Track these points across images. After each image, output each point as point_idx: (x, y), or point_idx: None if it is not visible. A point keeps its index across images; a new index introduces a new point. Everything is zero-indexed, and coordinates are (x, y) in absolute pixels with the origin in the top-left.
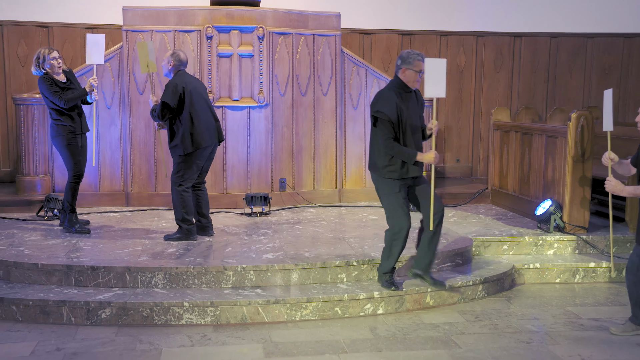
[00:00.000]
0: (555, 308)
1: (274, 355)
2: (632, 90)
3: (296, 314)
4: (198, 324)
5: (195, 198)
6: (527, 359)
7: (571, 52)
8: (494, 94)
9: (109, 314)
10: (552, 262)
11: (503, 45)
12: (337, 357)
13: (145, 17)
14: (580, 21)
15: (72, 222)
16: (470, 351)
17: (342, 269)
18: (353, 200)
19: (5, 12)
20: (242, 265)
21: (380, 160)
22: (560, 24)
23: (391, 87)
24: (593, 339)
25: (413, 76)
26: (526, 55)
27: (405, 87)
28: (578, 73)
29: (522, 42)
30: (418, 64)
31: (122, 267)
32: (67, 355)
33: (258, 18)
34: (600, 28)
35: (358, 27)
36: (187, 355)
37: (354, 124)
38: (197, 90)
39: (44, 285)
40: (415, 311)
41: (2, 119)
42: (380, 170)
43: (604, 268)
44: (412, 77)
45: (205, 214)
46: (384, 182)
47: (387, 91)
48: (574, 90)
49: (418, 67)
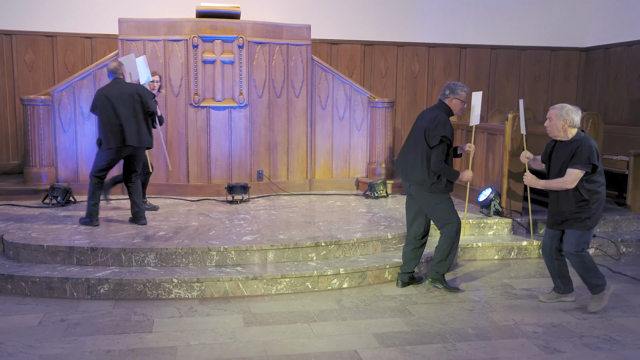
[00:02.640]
0: (494, 280)
1: (252, 324)
2: (557, 95)
3: (272, 289)
4: (186, 297)
5: (128, 189)
6: (470, 324)
7: (508, 62)
8: None
9: (107, 289)
10: (492, 242)
11: (451, 55)
12: (307, 325)
13: (139, 27)
14: (515, 35)
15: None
16: (422, 318)
17: (312, 249)
18: (322, 189)
19: (14, 22)
20: (224, 246)
21: (429, 178)
22: (498, 38)
23: (443, 112)
24: (524, 306)
25: (459, 105)
26: (470, 64)
27: (450, 113)
28: (513, 80)
29: (467, 53)
30: (463, 95)
31: (118, 248)
32: (71, 325)
33: (238, 29)
34: (531, 42)
35: (326, 38)
36: (176, 325)
37: (323, 122)
38: (118, 97)
39: (49, 264)
40: (375, 285)
41: (12, 117)
42: (430, 187)
43: (534, 246)
44: (458, 106)
45: (137, 203)
46: (431, 195)
47: (444, 116)
48: (510, 95)
49: (463, 97)
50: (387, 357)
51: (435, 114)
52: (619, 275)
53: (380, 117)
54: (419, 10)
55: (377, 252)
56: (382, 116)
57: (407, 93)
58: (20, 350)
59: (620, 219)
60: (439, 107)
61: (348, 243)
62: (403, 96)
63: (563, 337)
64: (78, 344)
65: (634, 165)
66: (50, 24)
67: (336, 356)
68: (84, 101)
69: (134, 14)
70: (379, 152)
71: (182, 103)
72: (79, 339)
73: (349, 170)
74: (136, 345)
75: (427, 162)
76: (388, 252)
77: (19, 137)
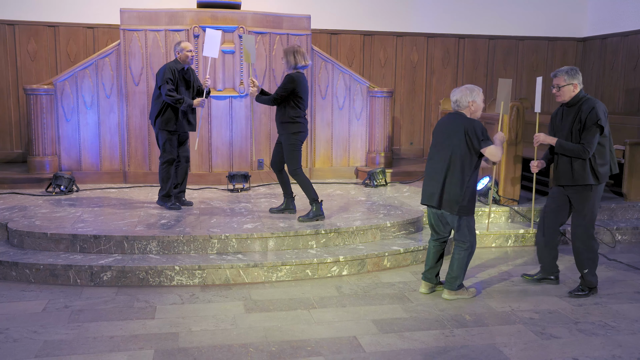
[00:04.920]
0: (491, 268)
1: (253, 311)
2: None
3: (272, 276)
4: (187, 284)
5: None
6: (468, 310)
7: (505, 52)
8: (442, 86)
9: (110, 277)
10: (489, 229)
11: (449, 45)
12: (307, 312)
13: (140, 18)
14: (512, 26)
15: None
16: (421, 305)
17: (312, 236)
18: (322, 177)
19: (17, 13)
20: (225, 234)
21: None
22: (496, 28)
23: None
24: (521, 293)
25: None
26: (468, 53)
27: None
28: (511, 69)
29: (466, 43)
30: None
31: (121, 236)
32: (74, 311)
33: (239, 19)
34: (529, 32)
35: (326, 28)
36: (178, 312)
37: (323, 111)
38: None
39: (53, 252)
40: (374, 272)
41: (15, 107)
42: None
43: (531, 234)
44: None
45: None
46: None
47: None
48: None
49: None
50: (386, 343)
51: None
52: (614, 262)
53: (380, 107)
54: (418, 1)
55: (376, 240)
56: (382, 106)
57: (406, 83)
58: (25, 335)
59: (616, 207)
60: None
61: (347, 231)
62: (402, 86)
63: (559, 323)
64: (82, 330)
65: (630, 154)
66: (52, 14)
67: (335, 342)
68: (86, 90)
69: (135, 4)
70: (378, 141)
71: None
72: (82, 325)
73: (348, 159)
74: (139, 332)
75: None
76: (387, 240)
77: (22, 126)
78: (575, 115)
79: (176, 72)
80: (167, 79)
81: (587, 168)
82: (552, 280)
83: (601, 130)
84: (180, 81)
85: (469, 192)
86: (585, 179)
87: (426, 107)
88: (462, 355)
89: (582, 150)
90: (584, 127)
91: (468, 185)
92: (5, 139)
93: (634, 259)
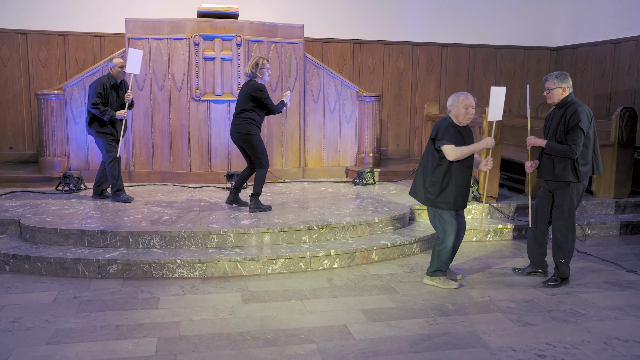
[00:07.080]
0: (472, 260)
1: (250, 301)
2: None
3: (268, 269)
4: (188, 277)
5: None
6: (449, 300)
7: (485, 59)
8: (427, 91)
9: (116, 269)
10: (470, 225)
11: (433, 53)
12: (301, 302)
13: (144, 27)
14: (492, 36)
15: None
16: (406, 295)
17: (305, 232)
18: (314, 176)
19: (29, 22)
20: (224, 229)
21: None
22: (477, 38)
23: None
24: (499, 284)
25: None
26: (451, 61)
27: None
28: (490, 76)
29: (448, 51)
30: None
31: (126, 232)
32: (83, 302)
33: (237, 28)
34: (507, 41)
35: (318, 37)
36: (180, 302)
37: (315, 115)
38: None
39: (62, 246)
40: (363, 265)
41: (27, 110)
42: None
43: (509, 229)
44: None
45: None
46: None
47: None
48: (487, 90)
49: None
50: (374, 331)
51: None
52: (584, 255)
53: (368, 110)
54: (404, 12)
55: (365, 235)
56: (370, 109)
57: (393, 88)
58: (37, 324)
59: (586, 204)
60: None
61: (338, 226)
62: (389, 91)
63: (534, 311)
64: (90, 319)
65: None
66: (62, 24)
67: (327, 330)
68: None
69: (139, 15)
70: (367, 142)
71: (185, 97)
72: (90, 315)
73: (339, 160)
74: (143, 321)
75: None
76: (375, 235)
77: (34, 128)
78: (561, 117)
79: (108, 86)
80: (97, 93)
81: (568, 166)
82: (541, 273)
83: (582, 131)
84: (112, 94)
85: (437, 188)
86: (565, 176)
87: (411, 111)
88: (445, 341)
89: (569, 150)
90: (567, 129)
91: (435, 180)
92: (18, 140)
93: (602, 252)
